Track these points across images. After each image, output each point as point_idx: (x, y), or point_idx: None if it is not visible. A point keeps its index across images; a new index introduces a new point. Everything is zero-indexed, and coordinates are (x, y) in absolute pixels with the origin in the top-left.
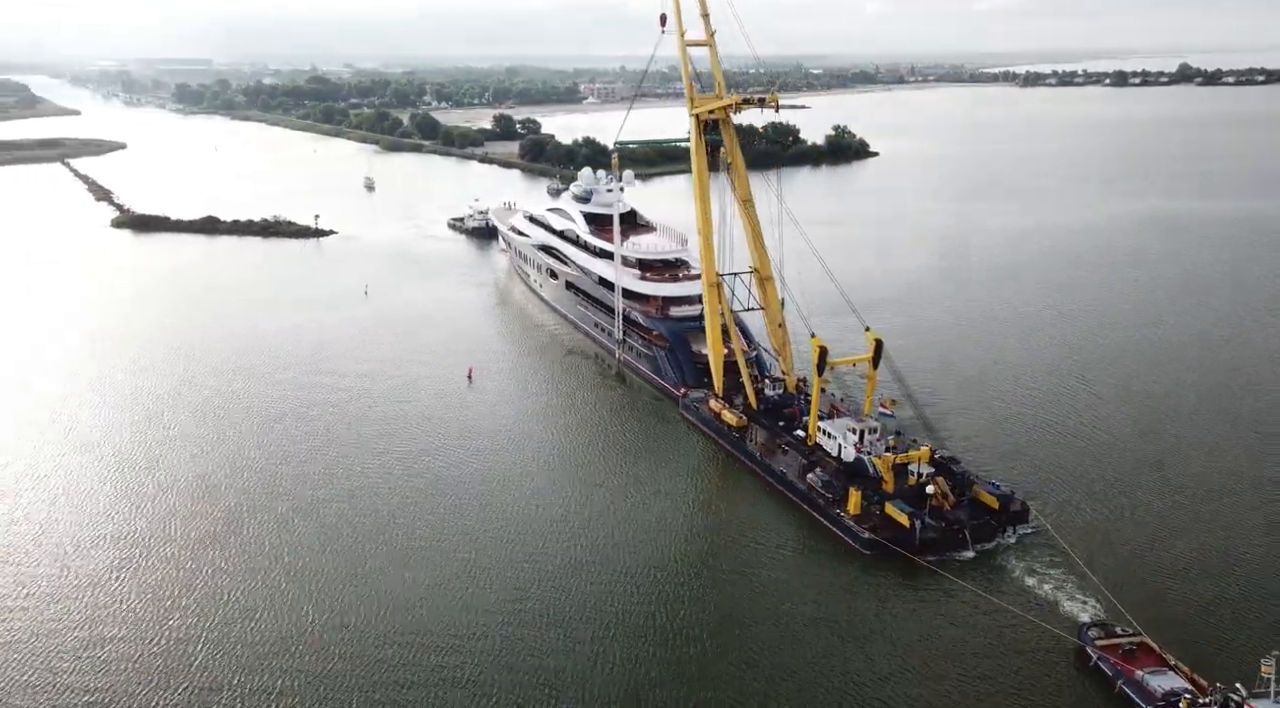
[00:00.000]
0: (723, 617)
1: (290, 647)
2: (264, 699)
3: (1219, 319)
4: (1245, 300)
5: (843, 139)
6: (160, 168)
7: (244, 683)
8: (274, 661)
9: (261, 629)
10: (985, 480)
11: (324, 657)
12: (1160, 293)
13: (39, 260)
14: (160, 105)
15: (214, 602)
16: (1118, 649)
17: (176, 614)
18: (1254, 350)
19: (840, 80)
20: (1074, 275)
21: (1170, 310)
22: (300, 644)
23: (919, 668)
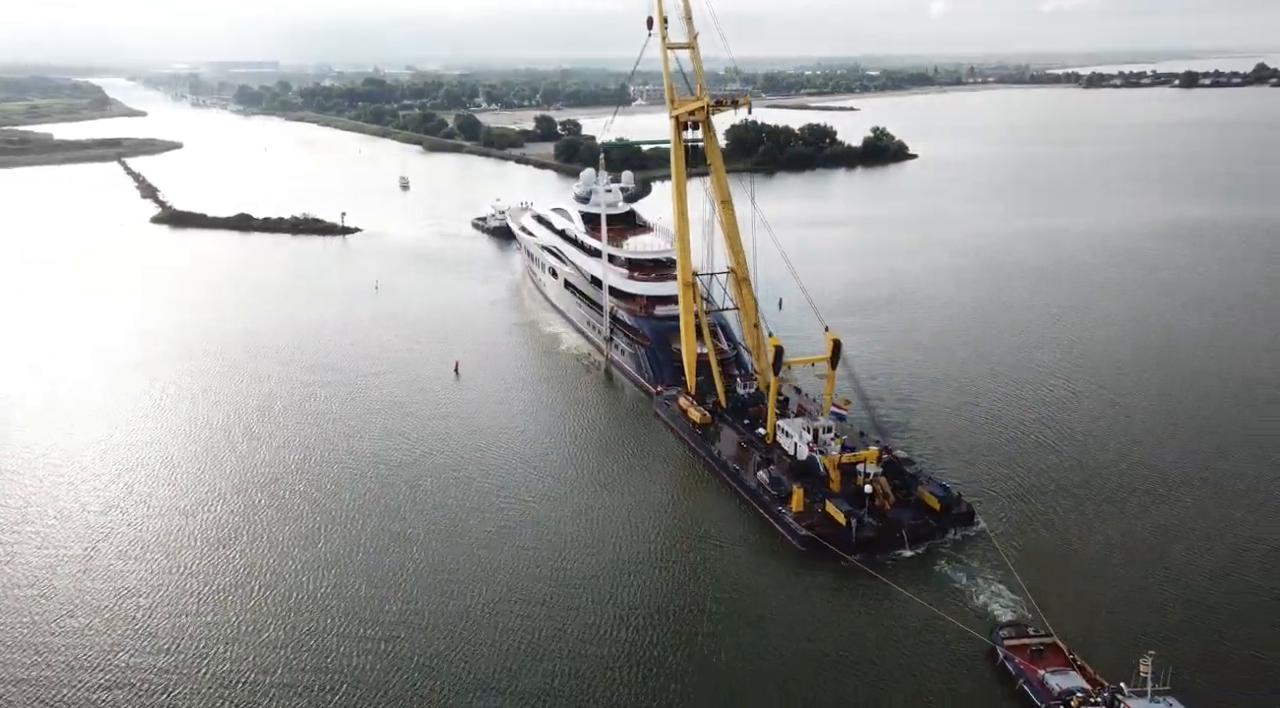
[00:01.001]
0: (651, 610)
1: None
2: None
3: (1225, 331)
4: (1257, 314)
5: (880, 141)
6: (210, 167)
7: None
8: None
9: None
10: (937, 481)
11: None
12: (1170, 302)
13: (75, 253)
14: (223, 107)
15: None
16: (1026, 649)
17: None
18: (1250, 365)
19: (895, 82)
20: (1085, 280)
21: (1181, 323)
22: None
23: (831, 664)
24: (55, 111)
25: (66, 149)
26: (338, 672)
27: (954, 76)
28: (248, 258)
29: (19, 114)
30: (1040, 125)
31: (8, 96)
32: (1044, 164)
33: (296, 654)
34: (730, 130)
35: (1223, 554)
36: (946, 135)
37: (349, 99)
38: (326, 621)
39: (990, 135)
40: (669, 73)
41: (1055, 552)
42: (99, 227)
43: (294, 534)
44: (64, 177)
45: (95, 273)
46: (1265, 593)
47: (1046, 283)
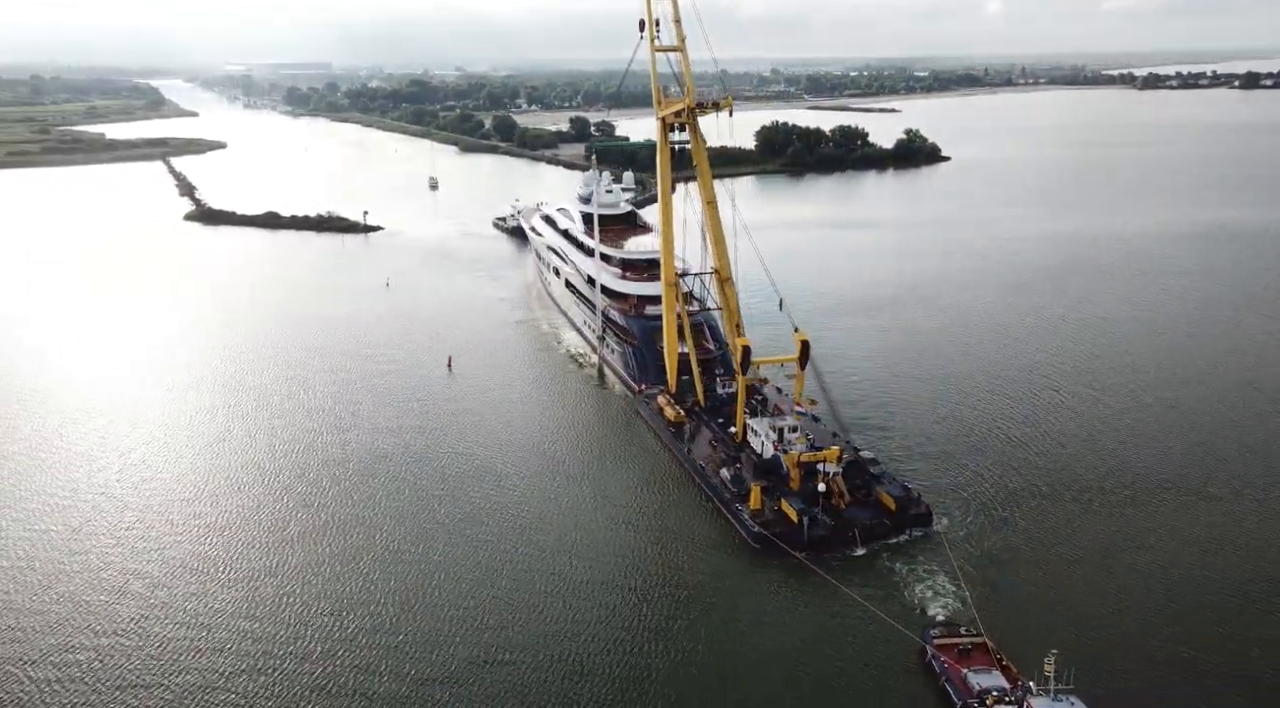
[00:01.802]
0: (597, 598)
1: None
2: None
3: (1230, 337)
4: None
5: (913, 143)
6: (250, 166)
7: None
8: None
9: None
10: (899, 482)
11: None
12: (1178, 308)
13: (104, 249)
14: (272, 107)
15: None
16: (954, 648)
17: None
18: (1247, 372)
19: (941, 83)
20: (1096, 285)
21: (1187, 329)
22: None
23: (765, 659)
24: (112, 112)
25: (116, 148)
26: (283, 642)
27: (1004, 78)
28: (269, 254)
29: (77, 115)
30: (1086, 127)
31: (69, 98)
32: (1080, 167)
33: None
34: (761, 131)
35: (1174, 562)
36: (985, 137)
37: (393, 100)
38: (280, 593)
39: (1031, 137)
40: (656, 75)
41: (1007, 555)
42: (133, 223)
43: (251, 516)
44: (110, 175)
45: (120, 268)
46: (1208, 604)
47: (1057, 287)
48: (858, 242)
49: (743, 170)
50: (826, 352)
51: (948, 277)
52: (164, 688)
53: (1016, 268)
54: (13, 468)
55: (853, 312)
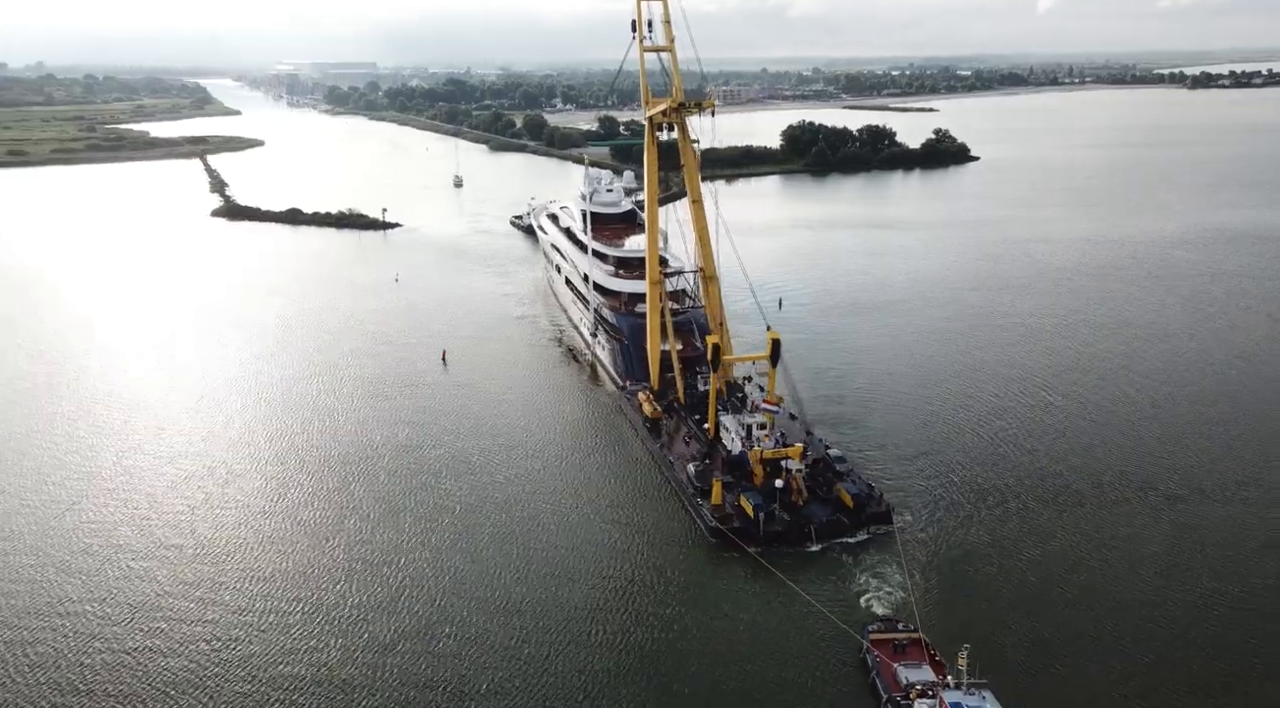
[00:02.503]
0: (548, 587)
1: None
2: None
3: (1231, 343)
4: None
5: (941, 143)
6: (283, 163)
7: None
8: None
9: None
10: (863, 480)
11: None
12: (1187, 310)
13: (130, 242)
14: (314, 106)
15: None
16: (890, 644)
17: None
18: (1244, 377)
19: (984, 82)
20: (1100, 287)
21: (1189, 332)
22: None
23: (707, 652)
24: (160, 111)
25: (157, 146)
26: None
27: (1049, 77)
28: (286, 250)
29: (126, 113)
30: (1127, 127)
31: (120, 97)
32: (1111, 168)
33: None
34: (787, 131)
35: (1129, 565)
36: (1019, 137)
37: (430, 99)
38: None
39: (1065, 137)
40: (645, 74)
41: (962, 553)
42: (161, 219)
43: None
44: (148, 172)
45: (139, 261)
46: (1150, 606)
47: (1063, 288)
48: (871, 241)
49: (766, 169)
50: (821, 350)
51: (954, 278)
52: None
53: (1025, 269)
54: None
55: (853, 311)
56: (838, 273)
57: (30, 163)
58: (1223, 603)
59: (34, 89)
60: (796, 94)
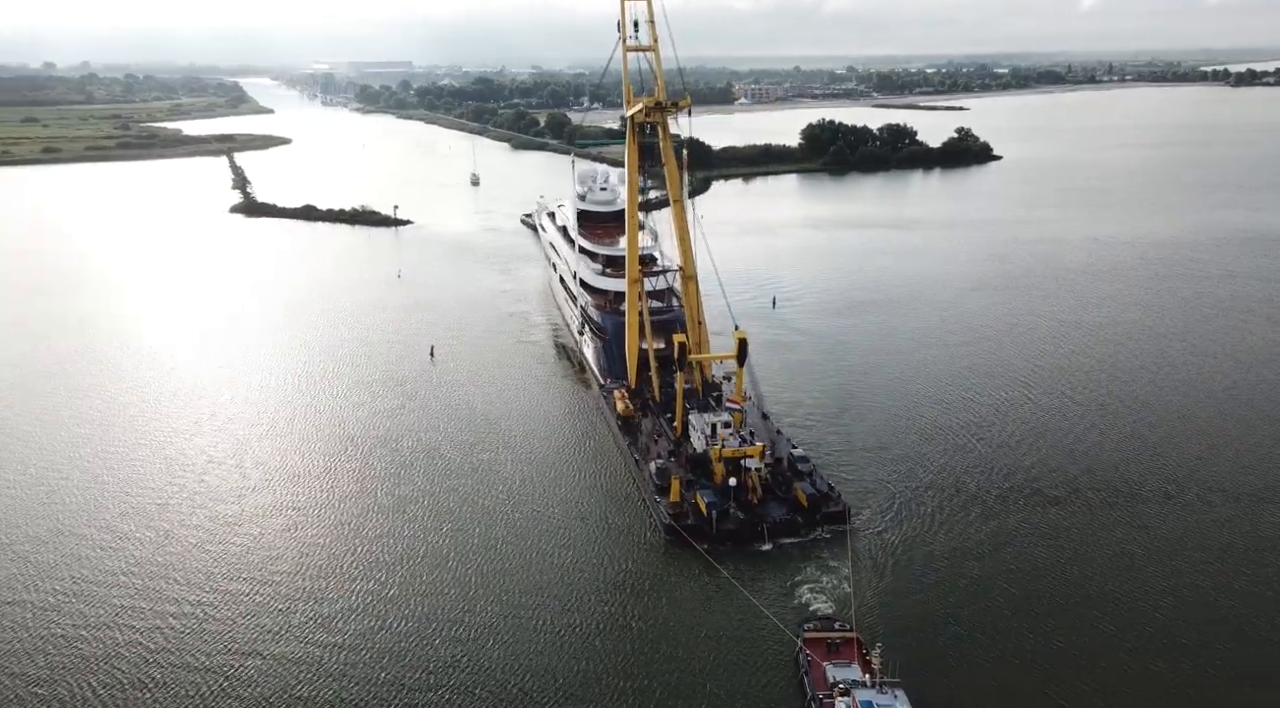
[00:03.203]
0: (498, 582)
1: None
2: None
3: (1229, 345)
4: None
5: (963, 142)
6: (307, 161)
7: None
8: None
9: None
10: (825, 480)
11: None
12: (1189, 312)
13: (147, 238)
14: (345, 105)
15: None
16: (823, 643)
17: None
18: (1238, 380)
19: (1021, 80)
20: (1102, 288)
21: (1184, 333)
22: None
23: (644, 649)
24: (196, 109)
25: (187, 144)
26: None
27: (1087, 75)
28: (297, 246)
29: (162, 112)
30: (1157, 126)
31: (159, 95)
32: (1137, 167)
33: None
34: (806, 129)
35: (1082, 568)
36: (1046, 136)
37: (458, 98)
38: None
39: (1093, 137)
40: (627, 73)
41: (914, 555)
42: (181, 215)
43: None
44: (176, 169)
45: (153, 254)
46: (1100, 608)
47: (1064, 289)
48: (877, 241)
49: (784, 168)
50: (807, 349)
51: (955, 278)
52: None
53: (1029, 270)
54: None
55: (846, 311)
56: (838, 272)
57: (62, 160)
58: (1168, 611)
59: (76, 88)
60: (826, 93)
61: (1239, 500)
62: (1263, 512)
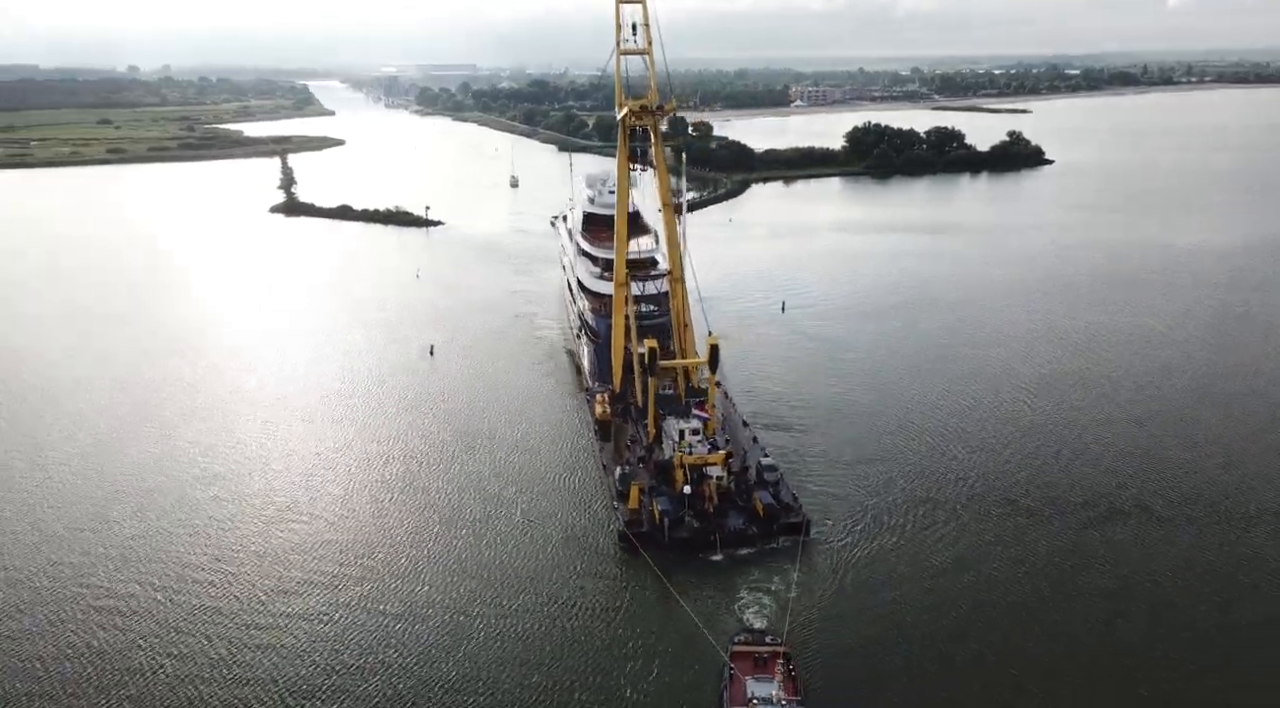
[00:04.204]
0: (451, 582)
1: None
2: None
3: (1240, 357)
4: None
5: (1013, 146)
6: (357, 162)
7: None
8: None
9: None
10: (788, 490)
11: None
12: (1204, 322)
13: (185, 233)
14: (405, 107)
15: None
16: (751, 656)
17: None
18: (1239, 392)
19: (1092, 82)
20: (1123, 295)
21: (1197, 343)
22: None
23: (570, 659)
24: (262, 111)
25: (245, 145)
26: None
27: (1164, 76)
28: (328, 245)
29: (230, 113)
30: (1230, 129)
31: (229, 97)
32: (1195, 172)
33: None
34: (850, 132)
35: (1036, 585)
36: (1107, 140)
37: (514, 100)
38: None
39: (1159, 140)
40: (620, 76)
41: (871, 571)
42: (224, 214)
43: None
44: (230, 169)
45: (185, 251)
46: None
47: (1080, 295)
48: (905, 245)
49: (827, 171)
50: (805, 355)
51: (977, 283)
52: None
53: (1053, 275)
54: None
55: (854, 315)
56: (857, 276)
57: (126, 161)
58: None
59: (152, 91)
60: (886, 95)
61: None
62: (1253, 532)
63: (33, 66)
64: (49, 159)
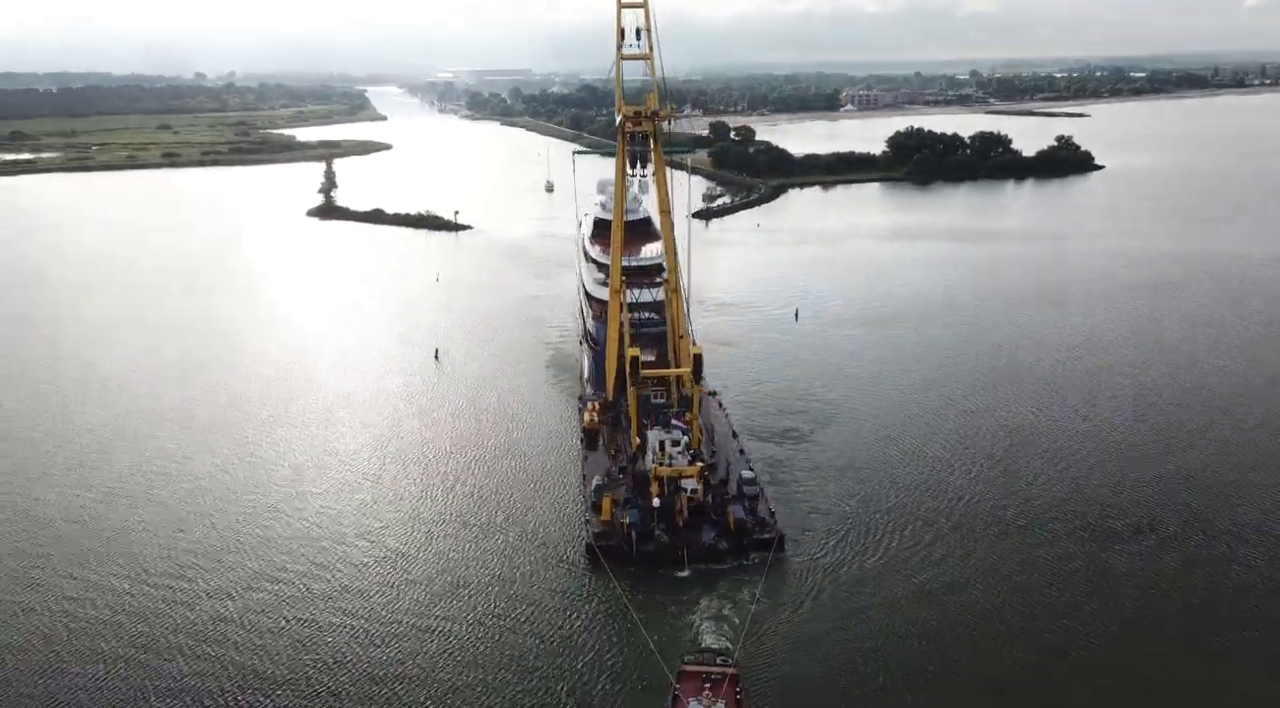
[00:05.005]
0: (408, 597)
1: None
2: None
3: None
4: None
5: (1062, 151)
6: (399, 167)
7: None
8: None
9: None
10: (765, 505)
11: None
12: (1219, 337)
13: (221, 235)
14: (456, 112)
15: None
16: (699, 677)
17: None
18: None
19: (1157, 84)
20: (1149, 303)
21: (1208, 354)
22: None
23: (521, 669)
24: (315, 116)
25: (293, 149)
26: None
27: (1236, 78)
28: (356, 247)
29: (285, 119)
30: None
31: (287, 103)
32: (1252, 178)
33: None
34: (892, 138)
35: (984, 614)
36: (1165, 145)
37: (562, 105)
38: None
39: (1220, 145)
40: (620, 81)
41: (837, 591)
42: (261, 217)
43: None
44: (275, 174)
45: (217, 252)
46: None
47: (1100, 305)
48: (931, 252)
49: (867, 176)
50: (810, 364)
51: (997, 291)
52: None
53: (1077, 284)
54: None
55: (866, 324)
56: (878, 284)
57: (178, 164)
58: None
59: (214, 97)
60: (939, 99)
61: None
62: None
63: (106, 73)
64: (107, 163)
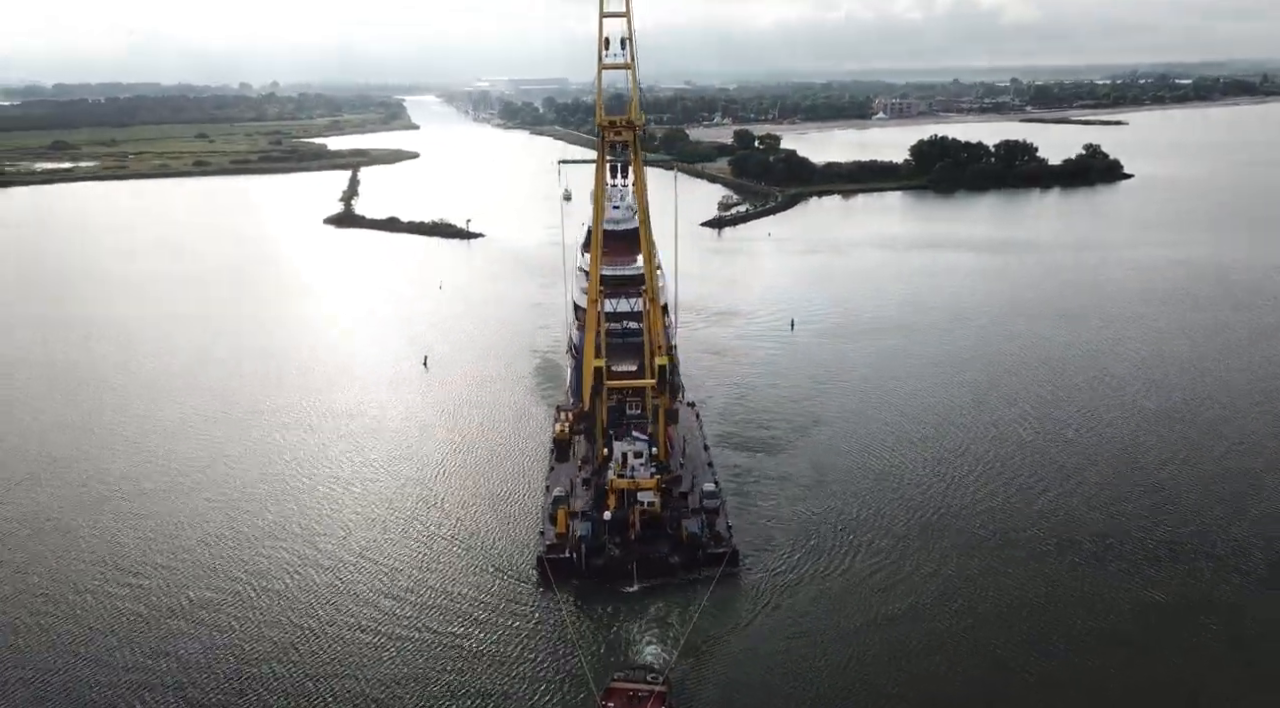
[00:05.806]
0: (367, 603)
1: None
2: None
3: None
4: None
5: (1090, 159)
6: (423, 176)
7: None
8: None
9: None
10: (723, 519)
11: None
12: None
13: (241, 243)
14: (489, 121)
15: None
16: (627, 693)
17: None
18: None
19: (1203, 92)
20: (1155, 313)
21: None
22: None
23: (450, 681)
24: (350, 125)
25: (322, 157)
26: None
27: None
28: (367, 255)
29: (318, 127)
30: None
31: (325, 112)
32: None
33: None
34: (915, 146)
35: (936, 639)
36: (1200, 153)
37: (591, 113)
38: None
39: (1260, 153)
40: (601, 91)
41: (787, 610)
42: (280, 224)
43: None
44: (302, 182)
45: (227, 258)
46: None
47: (1110, 316)
48: (939, 262)
49: (889, 185)
50: (798, 374)
51: (993, 303)
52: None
53: (1085, 297)
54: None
55: (860, 336)
56: (876, 295)
57: (209, 173)
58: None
59: (254, 106)
60: (974, 107)
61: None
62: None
63: (154, 83)
64: (141, 171)
